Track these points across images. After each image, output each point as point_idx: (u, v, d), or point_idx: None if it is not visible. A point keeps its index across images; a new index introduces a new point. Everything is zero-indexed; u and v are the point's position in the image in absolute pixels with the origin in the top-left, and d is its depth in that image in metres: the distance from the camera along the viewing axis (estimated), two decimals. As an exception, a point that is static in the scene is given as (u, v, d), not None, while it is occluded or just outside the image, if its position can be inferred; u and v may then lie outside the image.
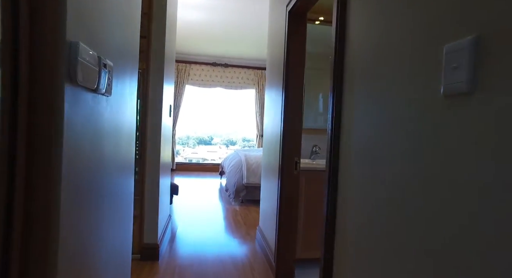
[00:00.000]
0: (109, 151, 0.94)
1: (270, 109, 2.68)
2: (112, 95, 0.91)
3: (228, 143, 8.93)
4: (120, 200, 1.09)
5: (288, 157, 2.12)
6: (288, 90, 2.13)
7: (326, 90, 2.81)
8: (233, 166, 4.58)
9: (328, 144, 1.28)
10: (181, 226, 3.34)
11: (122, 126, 1.08)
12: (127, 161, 1.19)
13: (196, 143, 8.82)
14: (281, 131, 2.17)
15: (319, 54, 2.63)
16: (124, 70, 1.06)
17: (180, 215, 3.70)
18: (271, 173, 2.53)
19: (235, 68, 7.27)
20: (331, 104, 1.26)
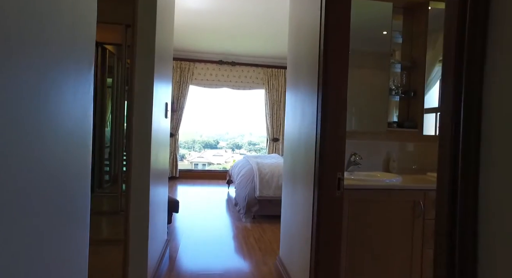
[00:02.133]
0: None
1: (296, 109, 2.07)
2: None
3: (234, 146, 8.64)
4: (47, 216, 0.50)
5: (328, 172, 1.50)
6: (328, 86, 1.52)
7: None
8: (243, 176, 3.97)
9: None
10: (182, 250, 2.73)
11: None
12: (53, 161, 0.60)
13: (202, 147, 8.55)
14: (317, 138, 1.56)
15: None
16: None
17: (181, 236, 3.10)
18: (298, 191, 1.92)
19: (243, 66, 6.69)
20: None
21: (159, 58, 1.95)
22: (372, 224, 1.74)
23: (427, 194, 1.76)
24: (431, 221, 1.79)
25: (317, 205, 1.54)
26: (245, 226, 3.55)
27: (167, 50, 2.27)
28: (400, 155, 2.26)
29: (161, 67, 2.05)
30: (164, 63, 2.17)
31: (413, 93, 2.24)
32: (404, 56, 2.29)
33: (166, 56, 2.23)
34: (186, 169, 7.32)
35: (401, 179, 1.86)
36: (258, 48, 6.03)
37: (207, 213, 4.07)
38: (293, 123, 2.14)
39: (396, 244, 1.76)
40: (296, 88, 2.10)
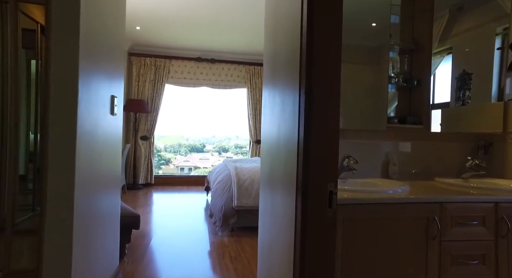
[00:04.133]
0: None
1: (274, 106, 1.63)
2: None
3: (221, 150, 8.30)
4: None
5: (316, 184, 1.07)
6: (313, 78, 1.09)
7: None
8: (219, 183, 3.50)
9: None
10: (142, 275, 2.24)
11: None
12: None
13: (188, 151, 8.19)
14: (300, 140, 1.13)
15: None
16: None
17: (142, 256, 2.59)
18: (278, 207, 1.47)
19: (224, 64, 6.24)
20: None
21: (93, 44, 1.48)
22: (374, 249, 1.31)
23: (443, 207, 1.36)
24: (450, 243, 1.38)
25: (301, 228, 1.10)
26: (222, 240, 3.08)
27: (109, 37, 1.79)
28: (402, 157, 1.86)
29: (99, 55, 1.58)
30: (105, 51, 1.70)
31: (417, 82, 1.85)
32: (403, 38, 1.89)
33: (107, 43, 1.76)
34: (170, 173, 6.86)
35: (408, 188, 1.45)
36: (239, 45, 5.60)
37: (180, 226, 3.57)
38: (270, 122, 1.70)
39: (406, 274, 1.35)
40: (273, 82, 1.66)
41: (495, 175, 1.92)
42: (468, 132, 1.99)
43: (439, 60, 1.99)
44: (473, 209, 1.40)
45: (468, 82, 2.02)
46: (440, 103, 2.01)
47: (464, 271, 1.40)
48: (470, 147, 1.99)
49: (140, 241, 2.95)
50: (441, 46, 2.00)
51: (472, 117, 2.02)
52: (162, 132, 7.52)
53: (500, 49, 2.06)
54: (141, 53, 5.76)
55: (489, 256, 1.44)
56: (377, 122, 1.78)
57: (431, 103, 1.88)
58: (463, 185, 1.66)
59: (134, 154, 5.70)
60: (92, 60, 1.48)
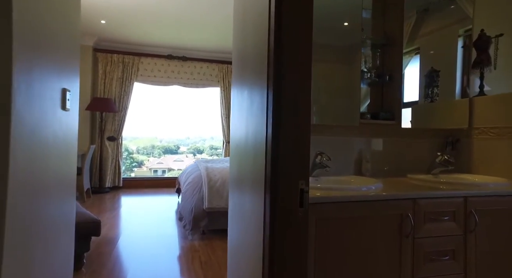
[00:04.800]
0: None
1: (242, 103, 1.53)
2: None
3: (196, 151, 8.12)
4: None
5: (286, 182, 0.98)
6: (280, 78, 1.01)
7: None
8: (190, 184, 3.34)
9: None
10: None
11: None
12: None
13: (162, 153, 8.00)
14: (268, 136, 1.04)
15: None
16: None
17: (104, 265, 2.39)
18: (246, 210, 1.37)
19: (196, 62, 6.06)
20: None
21: (35, 32, 1.30)
22: (348, 249, 1.25)
23: (416, 204, 1.32)
24: (423, 240, 1.35)
25: (270, 230, 1.01)
26: (192, 244, 2.94)
27: (60, 26, 1.60)
28: (375, 153, 1.83)
29: (44, 45, 1.40)
30: (53, 41, 1.51)
31: (389, 77, 1.84)
32: (375, 32, 1.87)
33: (57, 33, 1.57)
34: (143, 176, 6.58)
35: (381, 185, 1.41)
36: (211, 42, 5.45)
37: (148, 230, 3.37)
38: (238, 120, 1.59)
39: (380, 274, 1.30)
40: (241, 80, 1.56)
41: (462, 170, 1.95)
42: (437, 129, 2.01)
43: (407, 60, 2.00)
44: (444, 204, 1.38)
45: (436, 79, 2.04)
46: (409, 102, 2.02)
47: (436, 268, 1.38)
48: (439, 142, 2.01)
49: (102, 248, 2.74)
50: (410, 46, 2.01)
51: (440, 114, 2.04)
52: (134, 133, 7.26)
53: (464, 47, 2.11)
54: (107, 49, 5.46)
55: (459, 251, 1.43)
56: (350, 118, 1.74)
57: (402, 100, 1.87)
58: (433, 180, 1.66)
59: (100, 155, 5.38)
60: (34, 49, 1.30)
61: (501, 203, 1.48)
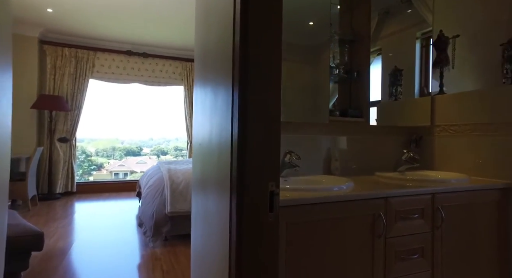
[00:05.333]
0: None
1: (205, 101, 1.39)
2: None
3: (159, 153, 7.76)
4: None
5: (254, 185, 0.87)
6: (248, 74, 0.90)
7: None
8: (150, 187, 3.12)
9: None
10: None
11: None
12: None
13: (124, 155, 7.53)
14: (233, 135, 0.93)
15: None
16: None
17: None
18: (210, 215, 1.24)
19: (158, 59, 5.77)
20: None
21: None
22: (320, 254, 1.18)
23: (388, 203, 1.29)
24: (395, 240, 1.32)
25: (237, 237, 0.89)
26: (153, 252, 2.73)
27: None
28: (344, 151, 1.80)
29: None
30: None
31: (357, 73, 1.81)
32: (343, 28, 1.84)
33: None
34: (102, 180, 6.13)
35: (353, 184, 1.36)
36: (174, 38, 5.21)
37: (105, 239, 3.08)
38: (202, 119, 1.46)
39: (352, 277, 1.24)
40: (205, 78, 1.43)
41: (426, 166, 1.99)
42: (402, 126, 2.04)
43: (371, 60, 2.02)
44: (414, 202, 1.37)
45: (400, 78, 2.07)
46: (373, 101, 2.03)
47: (406, 267, 1.36)
48: (404, 140, 2.03)
49: (46, 264, 2.43)
50: (372, 47, 2.03)
51: (405, 112, 2.07)
52: (93, 135, 6.79)
53: (422, 49, 2.18)
54: (57, 42, 4.98)
55: (427, 248, 1.42)
56: (320, 116, 1.68)
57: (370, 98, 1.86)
58: (400, 178, 1.66)
59: (49, 158, 4.89)
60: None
61: (462, 198, 1.50)
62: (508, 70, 1.69)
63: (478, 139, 1.74)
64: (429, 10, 2.15)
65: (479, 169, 1.72)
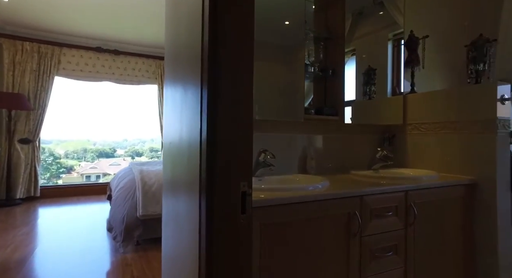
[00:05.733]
0: None
1: (175, 100, 1.32)
2: None
3: (134, 154, 7.50)
4: None
5: (224, 185, 0.82)
6: (218, 73, 0.85)
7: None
8: (121, 190, 2.97)
9: None
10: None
11: None
12: None
13: (96, 156, 7.22)
14: (202, 137, 0.87)
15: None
16: None
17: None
18: (181, 217, 1.17)
19: (130, 56, 5.55)
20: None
21: None
22: (296, 255, 1.14)
23: (363, 201, 1.28)
24: (370, 238, 1.31)
25: (207, 242, 0.83)
26: (124, 258, 2.59)
27: None
28: (319, 150, 1.78)
29: None
30: None
31: (332, 71, 1.81)
32: (318, 26, 1.83)
33: None
34: (72, 183, 5.79)
35: (328, 183, 1.34)
36: (147, 35, 5.03)
37: (71, 246, 2.89)
38: (172, 117, 1.38)
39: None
40: (175, 77, 1.35)
41: (399, 164, 2.02)
42: (376, 125, 2.06)
43: (346, 60, 2.03)
44: (388, 199, 1.37)
45: (373, 77, 2.09)
46: (348, 101, 2.04)
47: (381, 264, 1.36)
48: (378, 139, 2.06)
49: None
50: (347, 47, 2.04)
51: (378, 111, 2.10)
52: (61, 136, 6.44)
53: (393, 50, 2.23)
54: (15, 35, 4.63)
55: (400, 245, 1.43)
56: (295, 114, 1.65)
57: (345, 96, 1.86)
58: (375, 176, 1.67)
59: (8, 161, 4.54)
60: None
61: (433, 195, 1.53)
62: (472, 70, 1.75)
63: (446, 136, 1.79)
64: (400, 12, 2.20)
65: (447, 166, 1.77)
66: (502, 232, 1.57)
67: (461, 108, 1.72)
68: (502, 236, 1.57)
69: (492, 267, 1.57)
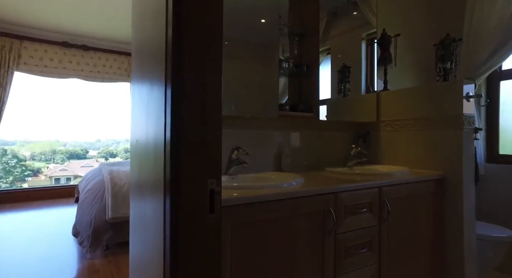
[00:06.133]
0: None
1: (141, 98, 1.24)
2: None
3: (108, 155, 7.30)
4: None
5: (190, 183, 0.76)
6: (182, 70, 0.79)
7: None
8: (89, 192, 2.81)
9: None
10: None
11: None
12: None
13: (66, 158, 6.98)
14: (166, 134, 0.81)
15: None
16: None
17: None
18: (148, 217, 1.10)
19: (100, 53, 5.29)
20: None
21: None
22: (270, 256, 1.10)
23: (338, 198, 1.26)
24: (344, 235, 1.30)
25: (171, 245, 0.77)
26: (92, 264, 2.45)
27: None
28: (294, 147, 1.76)
29: None
30: None
31: (306, 67, 1.78)
32: (292, 20, 1.80)
33: None
34: (39, 186, 5.46)
35: (303, 181, 1.31)
36: (120, 31, 4.82)
37: (33, 254, 2.70)
38: (139, 115, 1.30)
39: (303, 277, 1.19)
40: (141, 72, 1.27)
41: (373, 161, 2.04)
42: (351, 122, 2.07)
43: (321, 59, 2.03)
44: (363, 195, 1.36)
45: (348, 75, 2.10)
46: (323, 100, 2.05)
47: (355, 262, 1.35)
48: (353, 136, 2.07)
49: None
50: (322, 46, 2.04)
51: (353, 108, 2.11)
52: (27, 137, 6.08)
53: (367, 49, 2.26)
54: (-32, 25, 4.28)
55: (374, 242, 1.43)
56: (269, 110, 1.61)
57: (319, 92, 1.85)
58: (349, 172, 1.67)
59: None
60: None
61: (405, 190, 1.55)
62: (441, 68, 1.80)
63: (417, 133, 1.82)
64: (373, 13, 2.23)
65: (419, 162, 1.80)
66: (467, 224, 1.62)
67: (430, 105, 1.76)
68: (467, 228, 1.62)
69: (458, 257, 1.62)
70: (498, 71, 2.31)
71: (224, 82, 0.85)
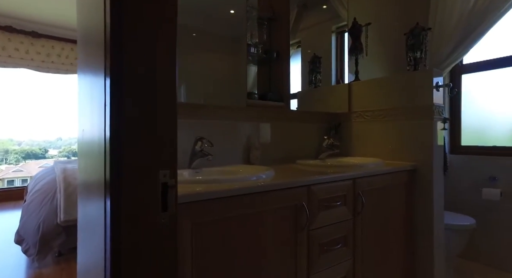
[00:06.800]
0: None
1: (86, 94, 1.06)
2: None
3: (70, 154, 6.74)
4: None
5: (137, 177, 0.62)
6: (122, 60, 0.64)
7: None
8: (37, 193, 2.51)
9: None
10: None
11: None
12: None
13: (22, 158, 6.51)
14: (106, 126, 0.66)
15: None
16: None
17: None
18: (93, 219, 0.93)
19: (55, 41, 4.81)
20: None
21: None
22: (238, 257, 0.98)
23: (311, 191, 1.17)
24: (318, 231, 1.21)
25: (111, 251, 0.62)
26: (39, 274, 2.18)
27: None
28: (264, 139, 1.65)
29: None
30: None
31: (276, 54, 1.68)
32: (261, 5, 1.68)
33: None
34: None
35: (273, 173, 1.20)
36: (75, 17, 4.41)
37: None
38: (84, 108, 1.12)
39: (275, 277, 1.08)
40: (86, 62, 1.09)
41: (345, 152, 1.99)
42: (323, 113, 2.00)
43: (292, 52, 1.95)
44: (337, 188, 1.28)
45: (319, 65, 2.03)
46: (294, 93, 1.96)
47: (329, 258, 1.27)
48: (325, 127, 2.00)
49: None
50: (292, 39, 1.96)
51: (324, 99, 2.04)
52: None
53: (336, 41, 2.21)
54: None
55: (349, 236, 1.37)
56: (236, 98, 1.49)
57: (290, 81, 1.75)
58: (321, 165, 1.59)
59: None
60: None
61: (379, 182, 1.50)
62: (411, 58, 1.78)
63: (388, 123, 1.79)
64: (343, 6, 2.19)
65: (391, 153, 1.77)
66: (437, 213, 1.61)
67: (401, 95, 1.73)
68: (437, 217, 1.61)
69: (428, 246, 1.61)
70: (460, 65, 2.37)
71: (192, 74, 0.71)
